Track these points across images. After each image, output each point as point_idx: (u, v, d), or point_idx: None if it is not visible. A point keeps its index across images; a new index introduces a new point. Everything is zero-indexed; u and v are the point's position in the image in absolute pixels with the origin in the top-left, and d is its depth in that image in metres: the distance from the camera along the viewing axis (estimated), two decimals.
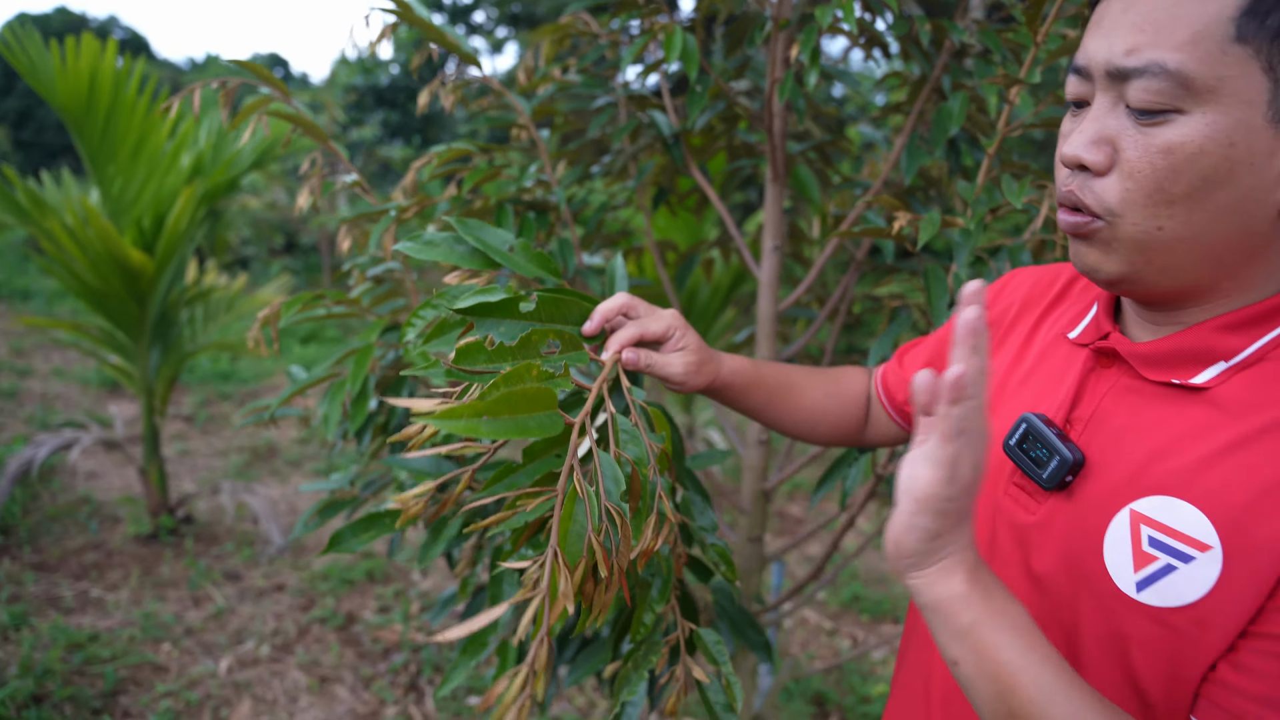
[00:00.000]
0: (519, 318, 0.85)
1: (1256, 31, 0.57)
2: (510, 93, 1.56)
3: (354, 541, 1.18)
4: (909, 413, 1.02)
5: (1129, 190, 0.62)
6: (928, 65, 1.48)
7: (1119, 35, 0.61)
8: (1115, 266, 0.66)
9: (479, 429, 0.63)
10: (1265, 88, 0.57)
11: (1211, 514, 0.61)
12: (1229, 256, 0.63)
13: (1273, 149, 0.59)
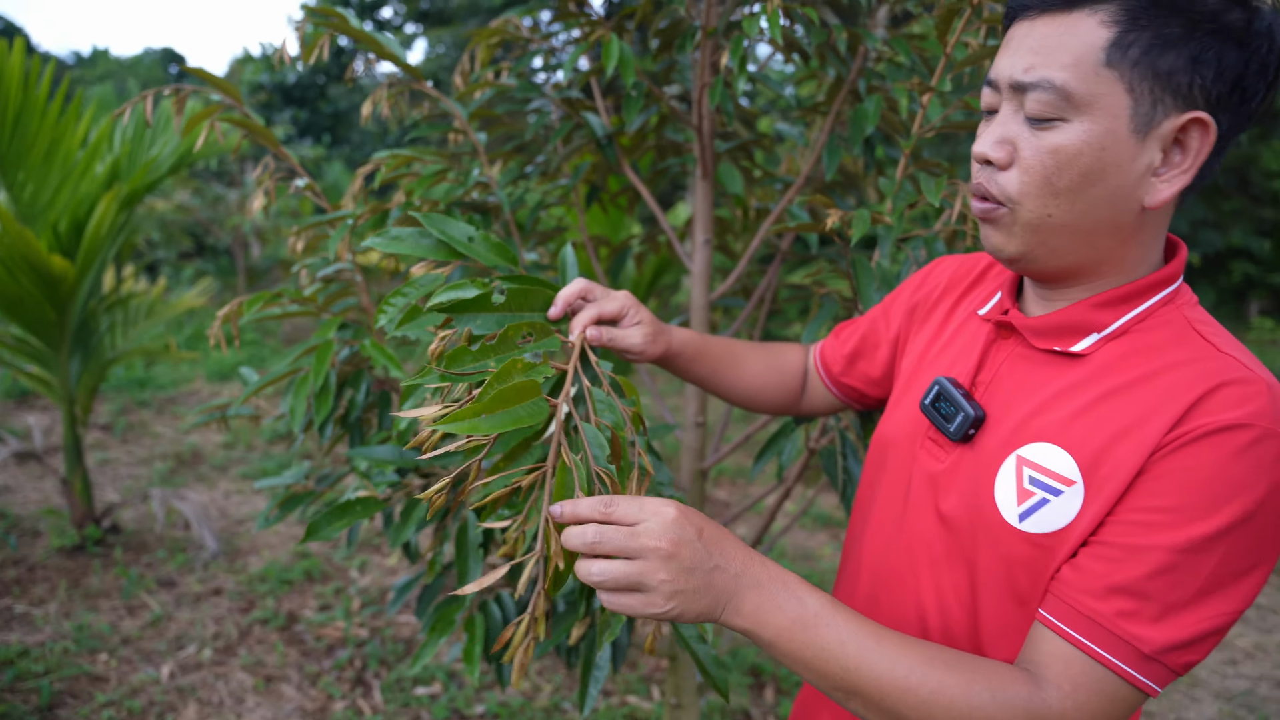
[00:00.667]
0: (492, 310, 0.93)
1: (1120, 60, 0.70)
2: (448, 98, 1.62)
3: (330, 529, 1.24)
4: (844, 384, 1.15)
5: (1025, 183, 0.76)
6: (844, 69, 1.60)
7: (1020, 56, 0.75)
8: (1015, 247, 0.79)
9: (480, 426, 0.72)
10: (1127, 104, 0.71)
11: (1077, 456, 0.75)
12: (1103, 242, 0.77)
13: (1135, 154, 0.73)
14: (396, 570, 3.39)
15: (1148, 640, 0.69)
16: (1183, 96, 0.71)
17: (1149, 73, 0.70)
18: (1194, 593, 0.69)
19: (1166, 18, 0.70)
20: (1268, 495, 0.68)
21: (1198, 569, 0.69)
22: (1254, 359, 0.75)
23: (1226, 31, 0.70)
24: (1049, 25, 0.74)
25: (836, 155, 1.60)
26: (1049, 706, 0.71)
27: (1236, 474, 0.69)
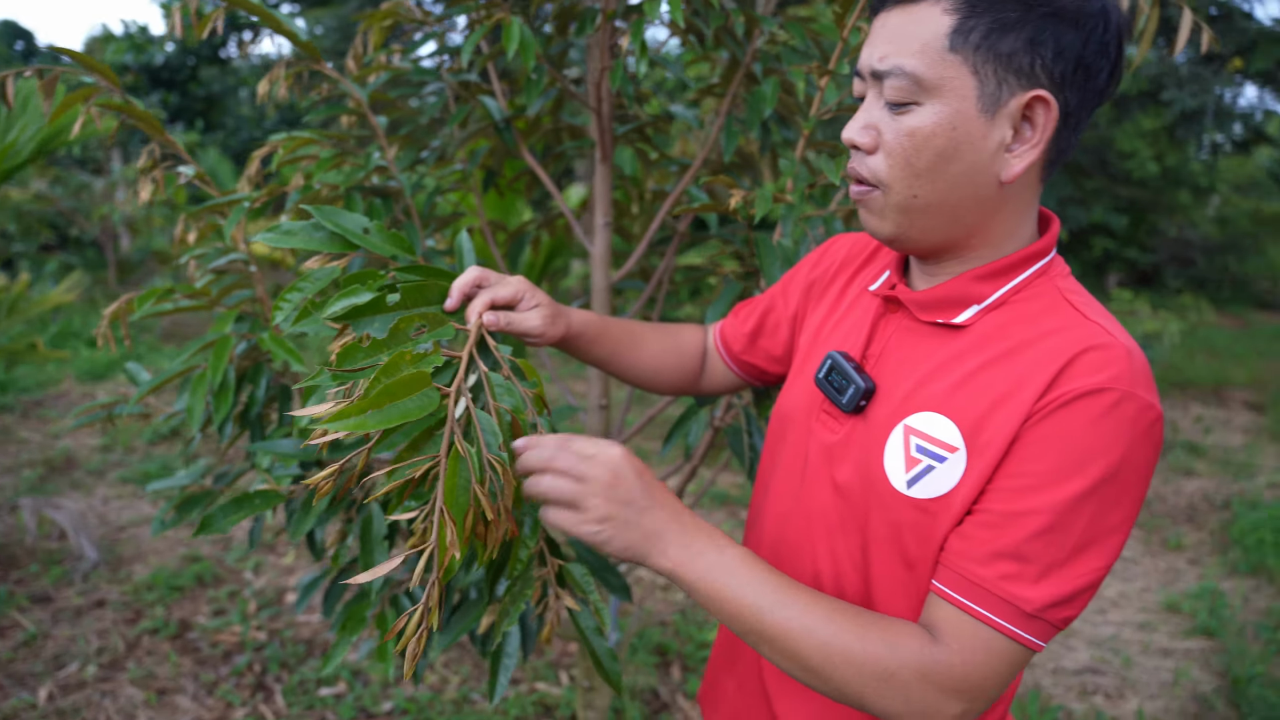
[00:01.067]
0: (388, 311, 0.91)
1: (962, 45, 0.75)
2: (347, 80, 1.57)
3: (225, 522, 1.20)
4: (746, 361, 1.18)
5: (890, 165, 0.80)
6: (739, 51, 1.63)
7: (877, 46, 0.80)
8: (888, 228, 0.84)
9: (366, 423, 0.71)
10: (974, 86, 0.76)
11: (960, 423, 0.80)
12: (968, 217, 0.82)
13: (986, 132, 0.77)
14: (294, 569, 3.29)
15: (1030, 600, 0.74)
16: (1025, 76, 0.76)
17: (991, 55, 0.75)
18: (1069, 551, 0.74)
19: (1003, 3, 0.74)
20: (1128, 452, 0.74)
21: (1071, 528, 0.74)
22: (1117, 324, 0.80)
23: (1061, 13, 0.75)
24: (899, 16, 0.78)
25: (734, 137, 1.63)
26: (939, 661, 0.75)
27: (1100, 436, 0.73)
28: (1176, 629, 3.22)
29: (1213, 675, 2.93)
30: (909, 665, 0.75)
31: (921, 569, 0.83)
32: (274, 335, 1.33)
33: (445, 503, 0.73)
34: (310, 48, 1.48)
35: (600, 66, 1.63)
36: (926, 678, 0.75)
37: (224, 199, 1.33)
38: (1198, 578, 3.63)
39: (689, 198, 1.82)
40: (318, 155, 1.50)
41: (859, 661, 0.75)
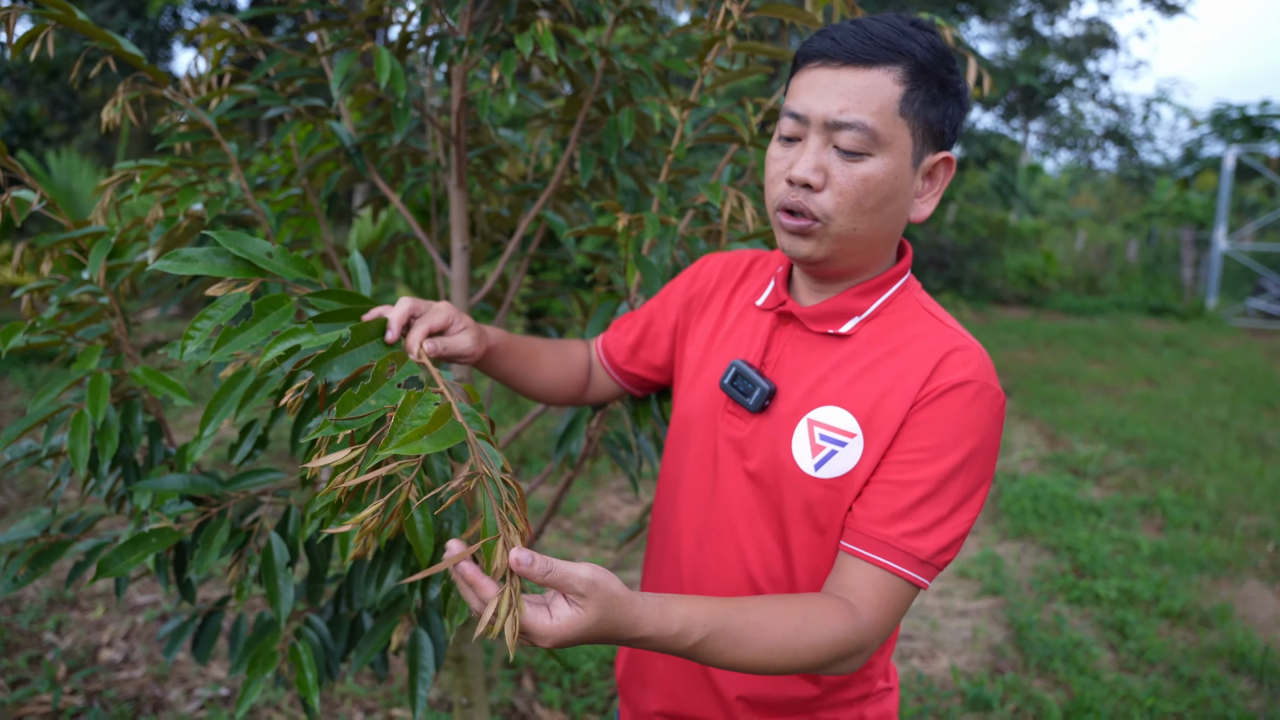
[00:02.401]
0: (344, 352, 0.94)
1: (908, 110, 0.92)
2: (193, 105, 1.53)
3: (124, 564, 1.16)
4: (628, 372, 1.30)
5: (839, 203, 0.94)
6: (590, 83, 1.73)
7: (833, 99, 0.92)
8: (822, 253, 0.98)
9: (423, 446, 0.75)
10: (910, 145, 0.94)
11: (855, 413, 0.97)
12: (880, 248, 1.01)
13: (911, 182, 0.96)
14: (104, 624, 3.04)
15: (923, 549, 0.92)
16: (938, 140, 0.96)
17: (922, 122, 0.94)
18: (949, 509, 0.93)
19: (930, 82, 0.93)
20: (988, 430, 0.95)
21: (950, 492, 0.93)
22: (963, 329, 1.01)
23: (957, 95, 0.96)
24: (853, 77, 0.92)
25: (590, 163, 1.73)
26: (863, 619, 0.91)
27: (968, 419, 0.94)
28: (969, 592, 3.63)
29: (1001, 627, 3.33)
30: (847, 631, 0.89)
31: (831, 534, 0.99)
32: (148, 369, 1.28)
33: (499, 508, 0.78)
34: (156, 72, 1.44)
35: (459, 95, 1.67)
36: (860, 632, 0.90)
37: (85, 231, 1.27)
38: (979, 546, 4.10)
39: (546, 220, 1.90)
40: (171, 184, 1.45)
41: (812, 649, 0.88)
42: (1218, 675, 2.98)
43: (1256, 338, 11.15)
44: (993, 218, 13.93)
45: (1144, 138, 14.64)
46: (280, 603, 1.23)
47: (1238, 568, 3.88)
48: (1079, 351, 9.35)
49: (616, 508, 4.34)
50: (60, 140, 11.20)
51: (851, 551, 0.95)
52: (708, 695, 1.10)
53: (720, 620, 0.84)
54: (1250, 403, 7.07)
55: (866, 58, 0.91)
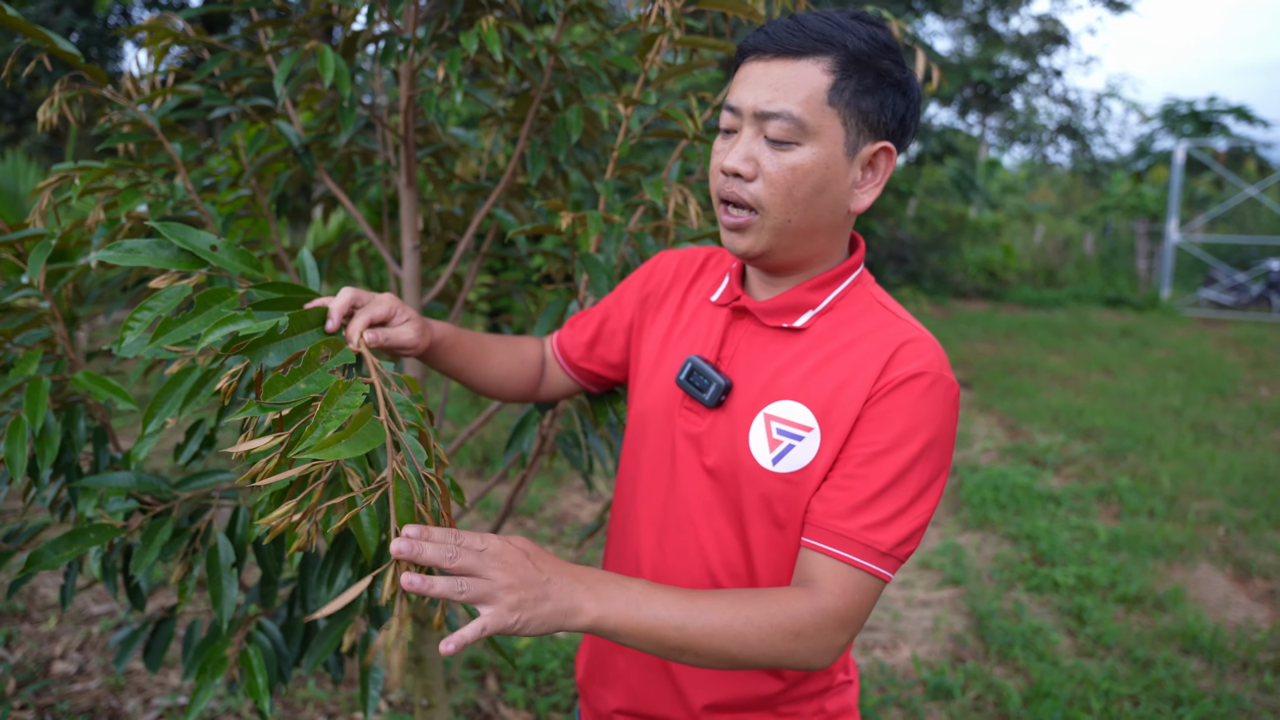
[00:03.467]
0: (280, 339, 0.93)
1: (837, 100, 0.93)
2: (135, 105, 1.51)
3: (57, 558, 1.14)
4: (584, 368, 1.30)
5: (771, 193, 0.95)
6: (539, 81, 1.72)
7: (762, 90, 0.94)
8: (761, 246, 0.99)
9: (340, 451, 0.74)
10: (842, 134, 0.94)
11: (812, 407, 0.97)
12: (820, 240, 1.00)
13: (846, 172, 0.96)
14: (57, 635, 2.98)
15: (883, 542, 0.92)
16: (875, 129, 0.96)
17: (855, 111, 0.94)
18: (908, 501, 0.94)
19: (864, 72, 0.94)
20: (943, 420, 0.96)
21: (907, 483, 0.94)
22: (916, 321, 1.02)
23: (899, 85, 0.96)
24: (782, 68, 0.94)
25: (539, 161, 1.72)
26: (826, 608, 0.91)
27: (923, 410, 0.95)
28: (930, 582, 3.67)
29: (962, 616, 3.37)
30: (809, 621, 0.89)
31: (791, 529, 0.99)
32: (89, 374, 1.26)
33: (399, 520, 0.78)
34: (94, 70, 1.42)
35: (408, 94, 1.66)
36: (822, 626, 0.90)
37: (24, 234, 1.25)
38: (940, 537, 4.15)
39: (495, 219, 1.89)
40: (114, 186, 1.43)
41: (770, 637, 0.88)
42: (1170, 657, 3.05)
43: (1208, 327, 11.39)
44: (952, 212, 14.10)
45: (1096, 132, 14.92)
46: (224, 603, 1.21)
47: (1190, 552, 3.96)
48: (1038, 343, 9.49)
49: (580, 505, 4.34)
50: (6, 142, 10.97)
51: (812, 547, 0.95)
52: (668, 693, 1.10)
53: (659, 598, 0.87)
54: (1202, 391, 7.23)
55: (796, 49, 0.93)
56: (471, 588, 0.78)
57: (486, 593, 0.79)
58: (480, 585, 0.79)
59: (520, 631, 0.80)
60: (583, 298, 1.53)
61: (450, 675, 2.48)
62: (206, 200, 1.80)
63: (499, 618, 0.78)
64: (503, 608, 0.79)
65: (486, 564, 0.80)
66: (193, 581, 1.25)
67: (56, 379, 1.29)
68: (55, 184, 1.37)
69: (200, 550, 1.27)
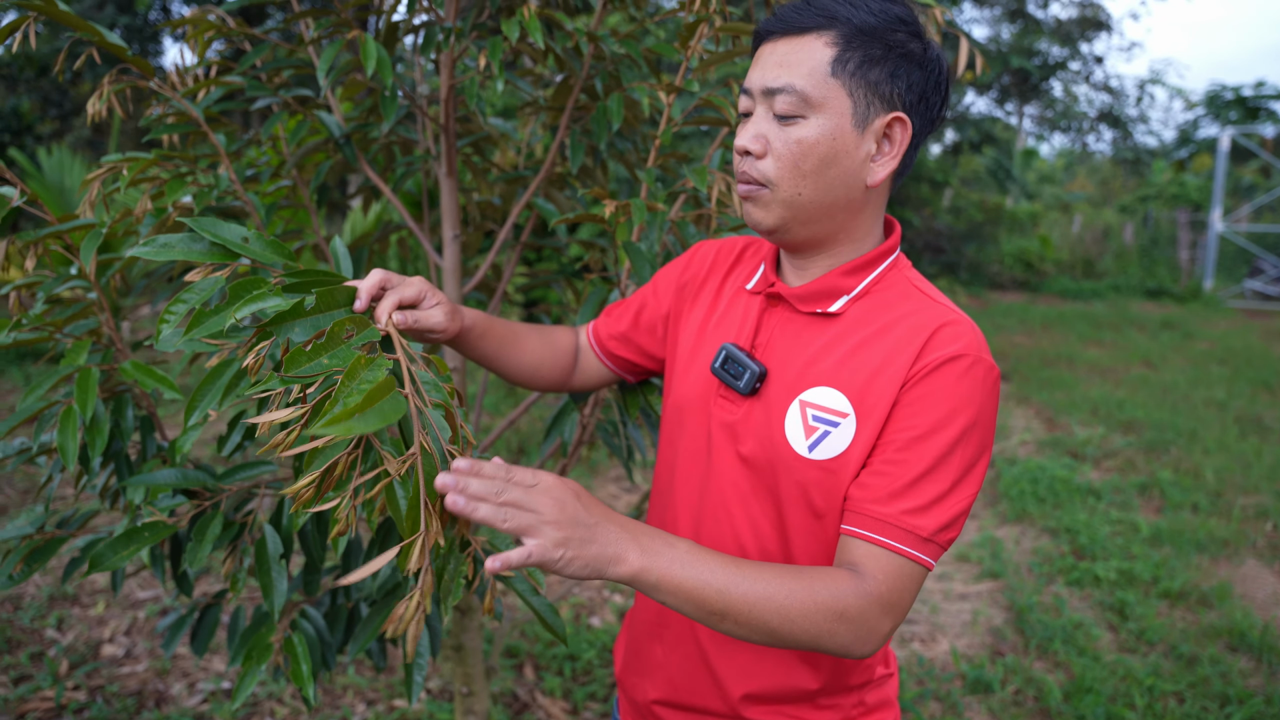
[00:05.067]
0: (306, 315, 0.93)
1: (841, 72, 0.93)
2: (180, 97, 1.52)
3: (116, 559, 1.15)
4: (621, 357, 1.29)
5: (779, 167, 0.95)
6: (579, 69, 1.72)
7: (769, 68, 0.95)
8: (772, 220, 0.99)
9: (354, 427, 0.74)
10: (849, 105, 0.93)
11: (847, 393, 0.96)
12: (840, 215, 0.99)
13: (858, 144, 0.95)
14: (105, 620, 3.04)
15: (924, 527, 0.90)
16: (887, 101, 0.94)
17: (862, 82, 0.93)
18: (949, 486, 0.92)
19: (871, 43, 0.93)
20: (983, 403, 0.93)
21: (948, 468, 0.92)
22: (953, 304, 1.00)
23: (910, 56, 0.94)
24: (788, 45, 0.94)
25: (579, 150, 1.72)
26: (870, 591, 0.89)
27: (961, 392, 0.92)
28: (969, 575, 3.63)
29: (1001, 610, 3.33)
30: (852, 603, 0.87)
31: (829, 518, 0.97)
32: (137, 363, 1.28)
33: (427, 494, 0.78)
34: (141, 63, 1.43)
35: (448, 83, 1.66)
36: (865, 608, 0.88)
37: (74, 224, 1.26)
38: (978, 529, 4.10)
39: (536, 209, 1.89)
40: (160, 177, 1.44)
41: (813, 612, 0.86)
42: (1217, 654, 2.99)
43: (1253, 319, 11.15)
44: (989, 202, 13.92)
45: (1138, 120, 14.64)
46: (274, 594, 1.23)
47: (1236, 547, 3.88)
48: (1076, 335, 9.35)
49: (616, 496, 4.35)
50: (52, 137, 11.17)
51: (851, 533, 0.93)
52: (707, 683, 1.09)
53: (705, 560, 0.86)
54: (1247, 384, 7.08)
55: (800, 26, 0.94)
56: (515, 517, 0.79)
57: (531, 524, 0.79)
58: (526, 516, 0.79)
59: (564, 569, 0.80)
60: (624, 286, 1.52)
61: (489, 664, 2.50)
62: (249, 190, 1.82)
63: (544, 550, 0.78)
64: (548, 541, 0.79)
65: (535, 498, 0.80)
66: (244, 573, 1.26)
67: (105, 369, 1.31)
68: (104, 175, 1.38)
69: (248, 541, 1.28)
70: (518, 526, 0.79)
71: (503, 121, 2.51)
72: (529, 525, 0.79)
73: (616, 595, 3.42)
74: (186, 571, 1.42)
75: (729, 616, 0.85)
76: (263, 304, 0.93)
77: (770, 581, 0.86)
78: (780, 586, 0.86)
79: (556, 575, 0.82)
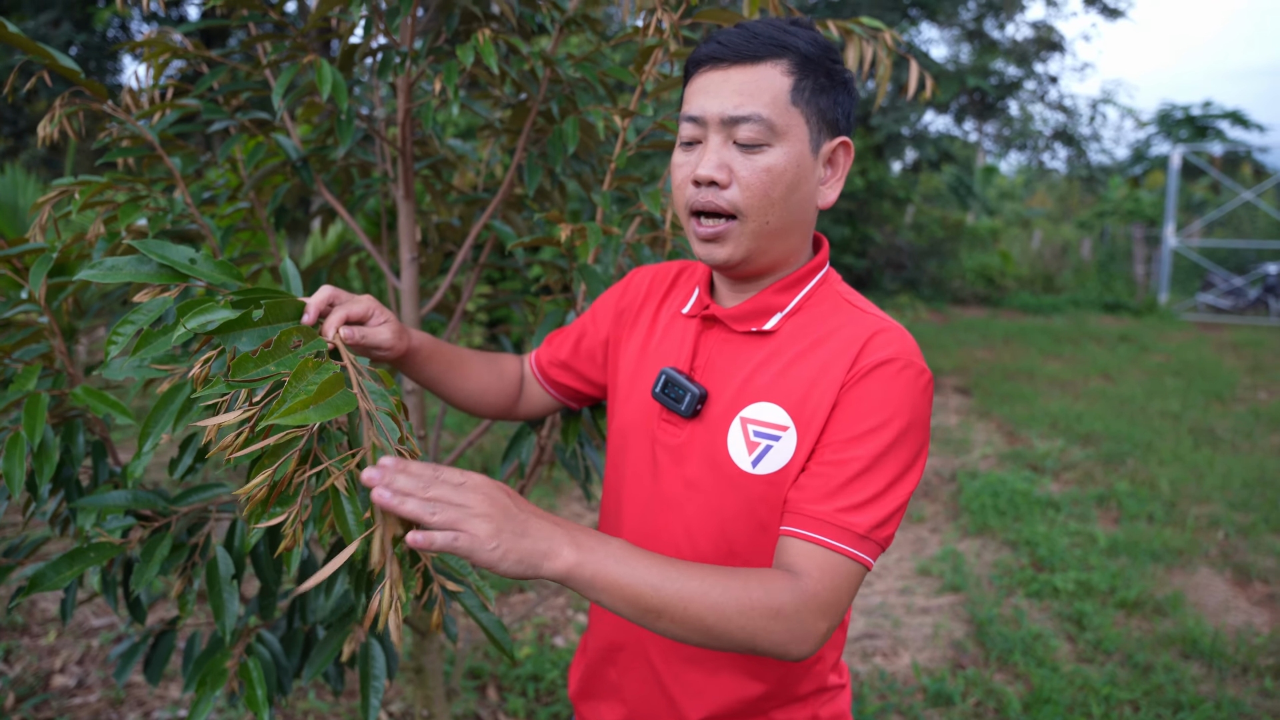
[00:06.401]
0: (254, 326, 0.93)
1: (799, 100, 0.96)
2: (134, 120, 1.51)
3: (58, 579, 1.15)
4: (563, 384, 1.31)
5: (748, 196, 0.97)
6: (535, 92, 1.74)
7: (727, 96, 0.96)
8: (741, 253, 1.00)
9: (310, 416, 0.75)
10: (807, 132, 0.97)
11: (786, 406, 0.98)
12: (794, 238, 1.03)
13: (814, 169, 0.99)
14: (57, 649, 2.98)
15: (860, 524, 0.92)
16: (833, 126, 0.99)
17: (815, 109, 0.97)
18: (884, 485, 0.94)
19: (817, 71, 0.97)
20: (916, 404, 0.96)
21: (883, 467, 0.94)
22: (884, 314, 1.03)
23: (846, 83, 1.00)
24: (743, 74, 0.96)
25: (536, 173, 1.73)
26: (803, 588, 0.90)
27: (895, 393, 0.95)
28: (930, 589, 3.67)
29: (962, 623, 3.37)
30: (788, 600, 0.88)
31: (774, 531, 0.99)
32: (88, 389, 1.27)
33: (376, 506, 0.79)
34: (94, 85, 1.43)
35: (405, 107, 1.67)
36: (801, 606, 0.89)
37: (23, 248, 1.25)
38: (940, 543, 4.15)
39: (493, 231, 1.90)
40: (114, 200, 1.44)
41: (748, 609, 0.87)
42: (1170, 662, 3.05)
43: (1206, 331, 11.41)
44: (950, 218, 14.13)
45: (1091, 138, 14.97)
46: (226, 615, 1.22)
47: (1190, 556, 3.96)
48: (1036, 349, 9.50)
49: (580, 515, 4.34)
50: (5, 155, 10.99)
51: (788, 533, 0.94)
52: (663, 705, 1.10)
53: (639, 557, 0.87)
54: (1201, 395, 7.24)
55: (753, 55, 0.96)
56: (444, 511, 0.78)
57: (460, 518, 0.78)
58: (454, 510, 0.79)
59: (496, 564, 0.79)
60: (580, 308, 1.53)
61: (451, 685, 2.48)
62: (206, 213, 1.81)
63: (475, 540, 0.78)
64: (480, 533, 0.78)
65: (464, 494, 0.80)
66: (193, 595, 1.25)
67: (55, 394, 1.30)
68: (55, 199, 1.38)
69: (200, 564, 1.27)
70: (446, 520, 0.78)
71: (462, 143, 2.52)
72: (458, 519, 0.78)
73: (580, 614, 3.41)
74: (140, 598, 1.41)
75: (665, 614, 0.85)
76: (210, 316, 0.93)
77: (706, 579, 0.87)
78: (715, 584, 0.87)
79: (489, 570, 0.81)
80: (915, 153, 11.05)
